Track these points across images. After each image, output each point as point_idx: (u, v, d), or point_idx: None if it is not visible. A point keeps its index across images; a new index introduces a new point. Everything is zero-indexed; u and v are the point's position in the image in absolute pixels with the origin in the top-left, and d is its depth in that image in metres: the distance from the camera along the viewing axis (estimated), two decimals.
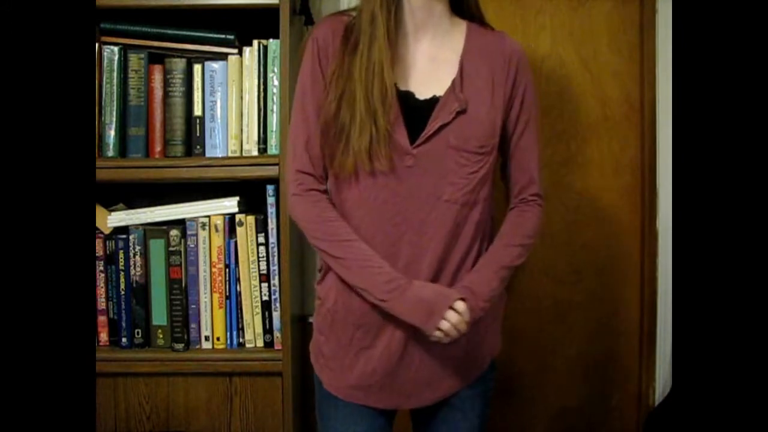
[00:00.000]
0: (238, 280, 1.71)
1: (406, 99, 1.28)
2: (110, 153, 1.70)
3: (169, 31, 1.70)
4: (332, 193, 1.33)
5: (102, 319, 1.73)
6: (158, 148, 1.72)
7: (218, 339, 1.71)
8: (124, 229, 1.72)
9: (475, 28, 1.36)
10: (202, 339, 1.72)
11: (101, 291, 1.72)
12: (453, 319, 1.25)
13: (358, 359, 1.32)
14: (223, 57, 1.70)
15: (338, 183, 1.31)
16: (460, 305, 1.26)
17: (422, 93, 1.29)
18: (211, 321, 1.71)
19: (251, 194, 1.75)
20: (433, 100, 1.28)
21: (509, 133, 1.36)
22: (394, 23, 1.27)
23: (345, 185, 1.30)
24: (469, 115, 1.28)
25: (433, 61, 1.31)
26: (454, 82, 1.29)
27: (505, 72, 1.32)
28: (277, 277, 1.69)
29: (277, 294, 1.69)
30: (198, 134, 1.71)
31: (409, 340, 1.30)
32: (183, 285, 1.71)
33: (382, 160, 1.24)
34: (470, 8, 1.36)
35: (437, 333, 1.25)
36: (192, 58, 1.71)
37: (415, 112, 1.27)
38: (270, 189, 1.67)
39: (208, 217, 1.70)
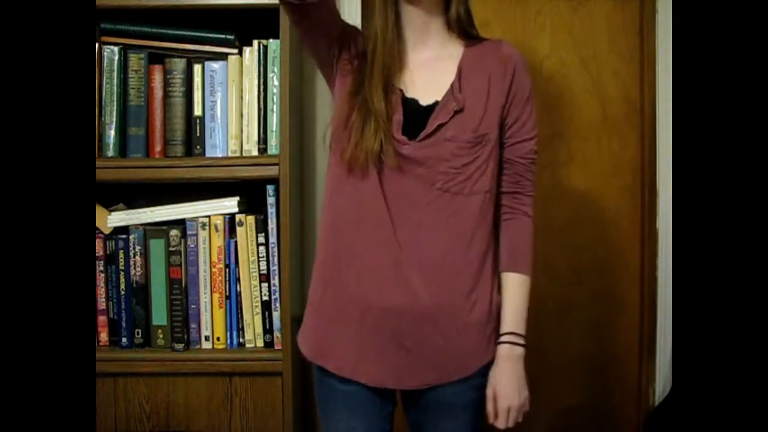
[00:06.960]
0: (238, 280, 1.71)
1: (411, 105, 1.33)
2: (110, 153, 1.70)
3: (169, 31, 1.70)
4: (335, 181, 1.36)
5: (102, 319, 1.73)
6: (158, 148, 1.72)
7: (218, 339, 1.71)
8: (124, 229, 1.72)
9: (473, 39, 1.40)
10: (202, 339, 1.72)
11: (101, 291, 1.72)
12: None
13: (349, 330, 1.33)
14: (223, 57, 1.70)
15: (343, 173, 1.33)
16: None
17: (425, 99, 1.34)
18: (211, 321, 1.71)
19: (251, 194, 1.75)
20: (435, 105, 1.34)
21: (506, 129, 1.37)
22: (397, 35, 1.34)
23: (352, 175, 1.33)
24: (466, 112, 1.32)
25: (433, 70, 1.36)
26: (452, 85, 1.34)
27: (502, 70, 1.36)
28: (277, 277, 1.69)
29: (277, 294, 1.69)
30: (198, 134, 1.71)
31: (403, 323, 1.31)
32: (183, 285, 1.71)
33: (389, 160, 1.30)
34: (449, 26, 1.39)
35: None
36: (192, 58, 1.71)
37: (418, 117, 1.33)
38: (270, 189, 1.67)
39: (208, 217, 1.70)
